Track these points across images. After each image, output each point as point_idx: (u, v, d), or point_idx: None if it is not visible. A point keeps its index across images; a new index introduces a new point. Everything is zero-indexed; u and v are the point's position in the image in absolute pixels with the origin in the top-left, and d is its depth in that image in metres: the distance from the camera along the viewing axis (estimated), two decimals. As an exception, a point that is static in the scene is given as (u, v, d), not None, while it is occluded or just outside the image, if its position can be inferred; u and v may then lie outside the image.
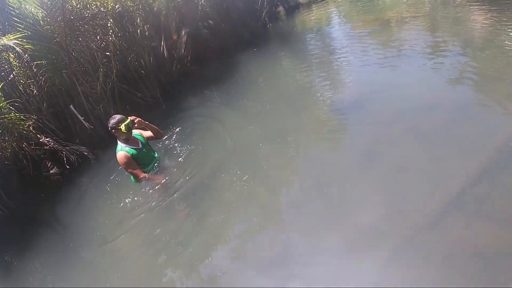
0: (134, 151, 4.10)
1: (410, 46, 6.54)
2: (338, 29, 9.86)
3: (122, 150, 4.06)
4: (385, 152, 3.93)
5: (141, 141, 4.30)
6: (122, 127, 3.96)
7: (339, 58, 7.20)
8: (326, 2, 16.24)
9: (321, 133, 4.77)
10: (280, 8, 15.28)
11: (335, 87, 5.93)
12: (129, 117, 4.08)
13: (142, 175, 4.11)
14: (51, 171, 6.31)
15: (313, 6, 15.98)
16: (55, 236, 4.53)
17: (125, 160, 4.02)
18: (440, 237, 2.72)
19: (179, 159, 4.79)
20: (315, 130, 4.85)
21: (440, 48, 6.26)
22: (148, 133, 4.42)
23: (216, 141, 5.29)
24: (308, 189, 3.71)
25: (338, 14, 12.71)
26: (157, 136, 4.47)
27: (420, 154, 3.70)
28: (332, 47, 8.19)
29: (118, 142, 4.14)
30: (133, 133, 4.24)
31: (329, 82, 6.18)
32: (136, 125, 4.12)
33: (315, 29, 10.89)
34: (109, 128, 4.09)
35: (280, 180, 4.06)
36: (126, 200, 4.48)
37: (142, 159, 4.20)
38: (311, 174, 3.93)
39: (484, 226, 2.64)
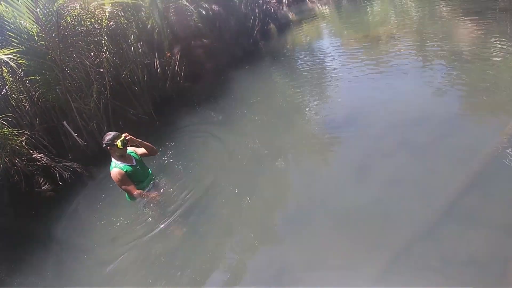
0: (128, 168, 4.11)
1: (400, 62, 6.70)
2: (329, 46, 10.05)
3: (117, 167, 4.06)
4: (377, 165, 3.98)
5: (135, 158, 4.30)
6: (118, 143, 3.97)
7: (330, 74, 7.33)
8: (316, 18, 16.60)
9: (314, 148, 4.81)
10: (272, 26, 15.53)
11: (326, 103, 6.03)
12: (122, 135, 4.09)
13: (136, 192, 4.10)
14: (43, 187, 6.21)
15: (304, 23, 16.31)
16: (47, 254, 4.43)
17: (119, 177, 4.02)
18: (434, 246, 2.76)
19: (175, 176, 4.81)
20: (308, 146, 4.90)
21: (430, 62, 6.42)
22: (141, 150, 4.44)
23: (210, 158, 5.32)
24: (303, 205, 3.74)
25: (328, 31, 13.00)
26: (150, 153, 4.50)
27: (412, 167, 3.76)
28: (323, 64, 8.34)
29: (112, 159, 4.14)
30: (127, 151, 4.25)
31: (320, 98, 6.29)
32: (130, 141, 4.14)
33: (306, 46, 11.10)
34: (104, 144, 4.10)
35: (276, 197, 4.08)
36: (120, 218, 4.47)
37: (137, 176, 4.21)
38: (306, 190, 3.96)
39: (476, 234, 2.68)
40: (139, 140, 4.29)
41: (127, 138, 4.09)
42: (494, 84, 4.81)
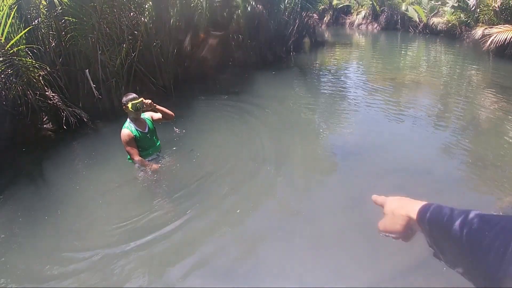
0: (137, 133, 4.19)
1: (418, 111, 6.78)
2: (355, 76, 10.15)
3: (127, 128, 4.14)
4: (370, 202, 4.03)
5: (148, 126, 4.37)
6: (129, 105, 4.05)
7: (348, 103, 7.41)
8: (350, 46, 16.74)
9: (315, 169, 4.85)
10: (306, 40, 15.71)
11: (337, 129, 6.08)
12: (141, 98, 4.16)
13: (137, 157, 4.18)
14: (45, 125, 6.35)
15: (337, 46, 16.46)
16: (35, 195, 4.48)
17: (127, 138, 4.11)
18: (426, 278, 2.84)
19: (180, 155, 4.87)
20: (309, 165, 4.94)
21: (446, 119, 6.50)
22: (157, 115, 4.49)
23: (213, 147, 5.41)
24: (291, 222, 3.71)
25: (358, 61, 13.10)
26: (166, 118, 4.52)
27: None
28: (344, 91, 8.42)
29: (128, 119, 4.23)
30: (143, 116, 4.35)
31: (333, 122, 6.35)
32: (145, 107, 4.20)
33: (333, 69, 11.21)
34: (122, 102, 4.18)
35: (266, 206, 4.05)
36: (111, 174, 4.56)
37: (143, 143, 4.28)
38: (297, 207, 3.95)
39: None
40: (157, 106, 4.35)
41: (145, 102, 4.16)
42: (502, 160, 4.89)
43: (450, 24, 18.49)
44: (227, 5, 10.21)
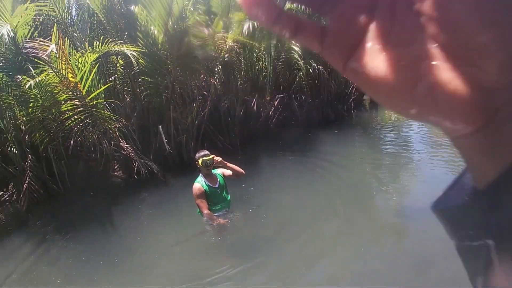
0: (208, 188, 4.26)
1: None
2: (416, 132, 9.57)
3: (199, 183, 4.26)
4: (439, 265, 3.49)
5: (219, 182, 4.42)
6: (200, 161, 4.17)
7: (411, 162, 6.88)
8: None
9: (376, 232, 4.38)
10: (367, 98, 15.57)
11: (399, 188, 5.60)
12: (212, 155, 4.25)
13: (206, 211, 4.21)
14: (115, 173, 6.69)
15: (398, 102, 16.08)
16: (101, 239, 4.59)
17: (197, 192, 4.21)
18: None
19: (247, 212, 4.76)
20: (371, 228, 4.48)
21: None
22: (228, 172, 4.54)
23: (278, 207, 5.18)
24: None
25: None
26: (237, 175, 4.54)
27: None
28: (405, 149, 7.92)
29: (200, 174, 4.34)
30: (215, 172, 4.43)
31: (396, 183, 5.86)
32: (215, 163, 4.28)
33: (395, 127, 10.78)
34: (195, 158, 4.33)
35: (332, 271, 3.72)
36: (180, 228, 4.58)
37: (213, 198, 4.33)
38: (354, 271, 3.58)
39: None
40: (227, 163, 4.40)
41: (215, 160, 4.24)
42: None
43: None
44: (289, 67, 10.49)
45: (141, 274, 3.73)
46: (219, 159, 4.29)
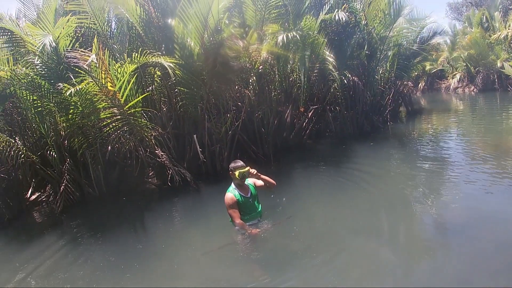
0: (240, 198, 4.32)
1: None
2: (453, 146, 9.16)
3: (231, 192, 4.31)
4: (480, 282, 3.26)
5: (251, 191, 4.48)
6: (237, 172, 4.22)
7: (447, 176, 6.53)
8: (448, 112, 15.76)
9: (414, 247, 4.15)
10: (403, 109, 15.22)
11: (438, 203, 5.30)
12: (248, 167, 4.32)
13: (238, 221, 4.24)
14: (150, 179, 6.91)
15: (434, 113, 15.58)
16: (133, 243, 4.70)
17: (230, 202, 4.26)
18: None
19: (280, 221, 4.66)
20: (412, 242, 4.25)
21: None
22: (260, 183, 4.59)
23: (310, 219, 5.08)
24: None
25: (457, 128, 12.04)
26: (268, 187, 4.60)
27: None
28: (442, 163, 7.54)
29: (232, 184, 4.41)
30: (247, 182, 4.48)
31: (433, 195, 5.58)
32: (250, 175, 4.34)
33: (432, 138, 10.39)
34: (230, 168, 4.37)
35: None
36: (212, 237, 4.57)
37: (245, 208, 4.36)
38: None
39: None
40: (260, 175, 4.45)
41: (250, 172, 4.30)
42: None
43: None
44: (323, 79, 10.44)
45: (166, 279, 3.75)
46: (254, 171, 4.35)
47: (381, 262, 3.87)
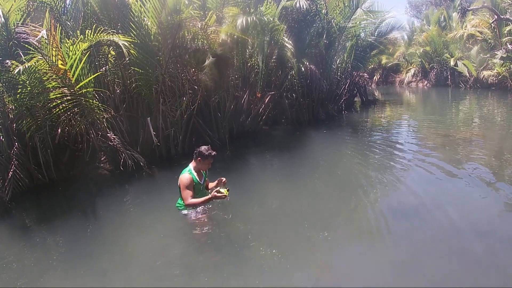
0: (197, 180, 4.45)
1: (473, 167, 6.19)
2: (405, 136, 9.62)
3: (190, 173, 4.42)
4: (423, 268, 3.49)
5: (204, 178, 4.64)
6: (225, 190, 4.26)
7: (398, 163, 6.86)
8: (401, 104, 16.47)
9: (360, 230, 4.32)
10: (357, 99, 15.72)
11: (386, 190, 5.59)
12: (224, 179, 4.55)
13: (191, 200, 4.36)
14: (102, 164, 6.69)
15: (387, 104, 16.24)
16: (84, 228, 4.61)
17: (187, 182, 4.36)
18: None
19: (229, 207, 4.77)
20: (358, 228, 4.42)
21: (504, 177, 5.87)
22: (211, 184, 4.83)
23: (260, 206, 5.17)
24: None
25: (408, 120, 12.66)
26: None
27: (463, 280, 3.24)
28: (394, 151, 7.92)
29: (190, 166, 4.49)
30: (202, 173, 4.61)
31: (382, 183, 5.84)
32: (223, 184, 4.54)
33: (384, 128, 10.87)
34: (202, 153, 4.41)
35: (307, 272, 3.61)
36: (163, 220, 4.59)
37: (197, 192, 4.49)
38: (337, 272, 3.56)
39: None
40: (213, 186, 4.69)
41: (224, 181, 4.53)
42: None
43: (500, 76, 18.12)
44: (282, 65, 10.50)
45: (119, 266, 3.70)
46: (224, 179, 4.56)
47: (319, 249, 3.97)
